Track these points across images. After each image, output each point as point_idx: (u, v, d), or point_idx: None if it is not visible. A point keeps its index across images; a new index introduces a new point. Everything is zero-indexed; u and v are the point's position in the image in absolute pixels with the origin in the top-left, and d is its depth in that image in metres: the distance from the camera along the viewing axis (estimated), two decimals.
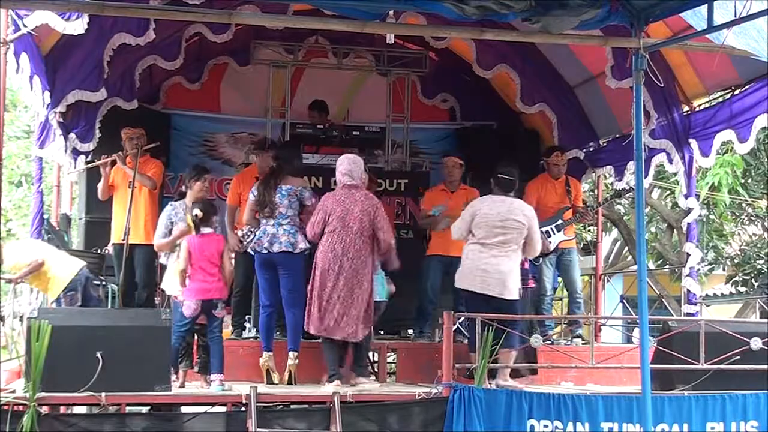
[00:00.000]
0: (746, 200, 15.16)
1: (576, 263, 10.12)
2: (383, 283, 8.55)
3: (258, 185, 8.34)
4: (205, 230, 7.83)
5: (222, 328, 7.92)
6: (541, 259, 9.29)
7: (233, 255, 8.87)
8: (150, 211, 9.21)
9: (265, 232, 8.15)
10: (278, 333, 8.58)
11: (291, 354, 8.06)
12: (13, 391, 6.83)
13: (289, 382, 8.06)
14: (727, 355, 7.74)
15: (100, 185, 9.39)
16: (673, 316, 11.93)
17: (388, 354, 9.26)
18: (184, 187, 8.85)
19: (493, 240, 7.89)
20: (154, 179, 9.25)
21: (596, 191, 12.34)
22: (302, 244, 8.08)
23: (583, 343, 9.53)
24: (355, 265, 7.82)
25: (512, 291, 7.91)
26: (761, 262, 16.03)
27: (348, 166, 8.05)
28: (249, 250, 8.33)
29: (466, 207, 8.37)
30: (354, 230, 7.84)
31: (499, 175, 8.14)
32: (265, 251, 8.13)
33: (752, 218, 16.59)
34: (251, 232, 8.47)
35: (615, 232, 18.20)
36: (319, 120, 11.04)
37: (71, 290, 8.90)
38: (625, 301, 11.94)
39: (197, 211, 7.82)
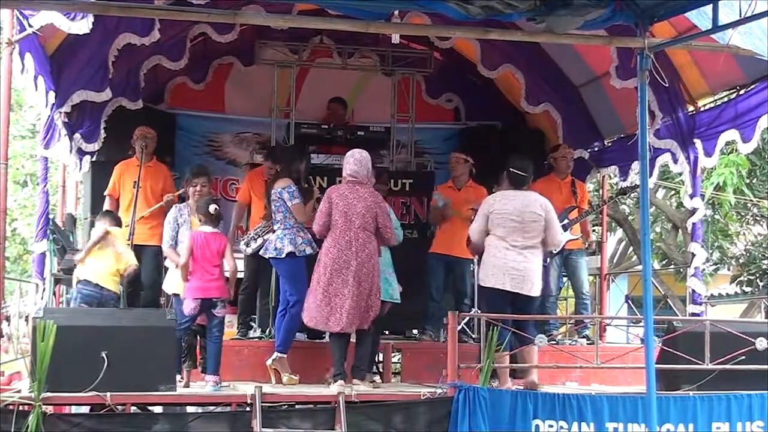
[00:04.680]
0: (751, 200, 15.15)
1: (583, 264, 10.11)
2: (390, 283, 8.53)
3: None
4: (210, 229, 7.86)
5: (222, 329, 7.88)
6: (548, 259, 9.25)
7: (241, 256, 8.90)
8: (155, 212, 9.21)
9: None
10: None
11: (274, 354, 8.15)
12: (19, 391, 6.85)
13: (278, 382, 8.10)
14: (733, 355, 7.73)
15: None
16: (678, 316, 11.91)
17: (393, 354, 9.25)
18: (184, 190, 8.87)
19: (514, 236, 7.81)
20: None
21: (601, 191, 12.32)
22: (288, 248, 8.12)
23: (588, 343, 9.52)
24: (360, 259, 7.81)
25: (538, 287, 7.93)
26: (766, 262, 16.02)
27: (353, 166, 8.01)
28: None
29: (478, 205, 8.29)
30: (356, 225, 7.83)
31: (511, 170, 8.04)
32: (268, 256, 8.30)
33: (757, 218, 16.58)
34: (257, 236, 8.53)
35: (620, 232, 18.18)
36: (341, 114, 11.14)
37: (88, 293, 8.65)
38: (630, 301, 11.94)
39: (215, 206, 7.89)
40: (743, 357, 7.74)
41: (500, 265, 7.80)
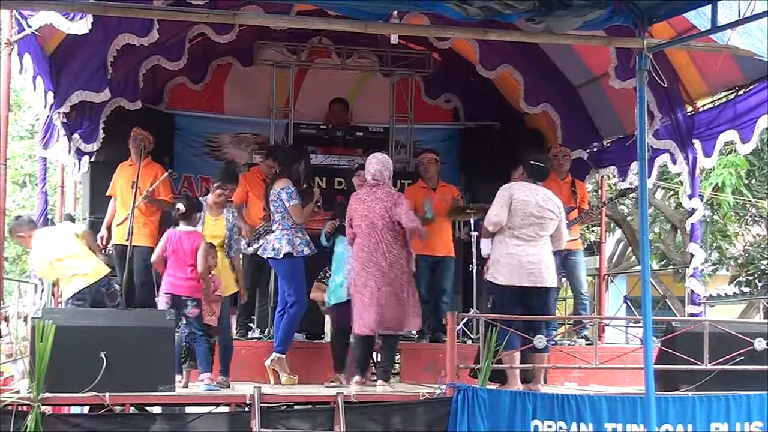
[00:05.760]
0: (750, 201, 15.16)
1: (582, 264, 10.10)
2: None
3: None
4: (186, 227, 7.85)
5: (200, 327, 7.72)
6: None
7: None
8: (145, 211, 9.18)
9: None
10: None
11: (273, 354, 8.16)
12: (17, 392, 6.84)
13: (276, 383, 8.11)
14: (731, 355, 7.73)
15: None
16: (676, 316, 11.92)
17: None
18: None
19: (528, 230, 7.70)
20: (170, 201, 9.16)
21: (600, 191, 12.33)
22: (286, 249, 8.13)
23: (587, 344, 9.52)
24: (389, 260, 7.80)
25: (554, 278, 7.92)
26: (765, 262, 16.05)
27: (377, 166, 8.01)
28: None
29: (498, 194, 7.90)
30: (380, 227, 7.82)
31: (531, 162, 7.95)
32: (266, 256, 8.31)
33: (756, 219, 16.60)
34: (259, 236, 8.54)
35: (619, 233, 18.21)
36: (343, 115, 11.16)
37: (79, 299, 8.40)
38: (628, 302, 11.93)
39: (180, 206, 7.86)
40: (742, 357, 7.74)
41: (516, 264, 7.69)
